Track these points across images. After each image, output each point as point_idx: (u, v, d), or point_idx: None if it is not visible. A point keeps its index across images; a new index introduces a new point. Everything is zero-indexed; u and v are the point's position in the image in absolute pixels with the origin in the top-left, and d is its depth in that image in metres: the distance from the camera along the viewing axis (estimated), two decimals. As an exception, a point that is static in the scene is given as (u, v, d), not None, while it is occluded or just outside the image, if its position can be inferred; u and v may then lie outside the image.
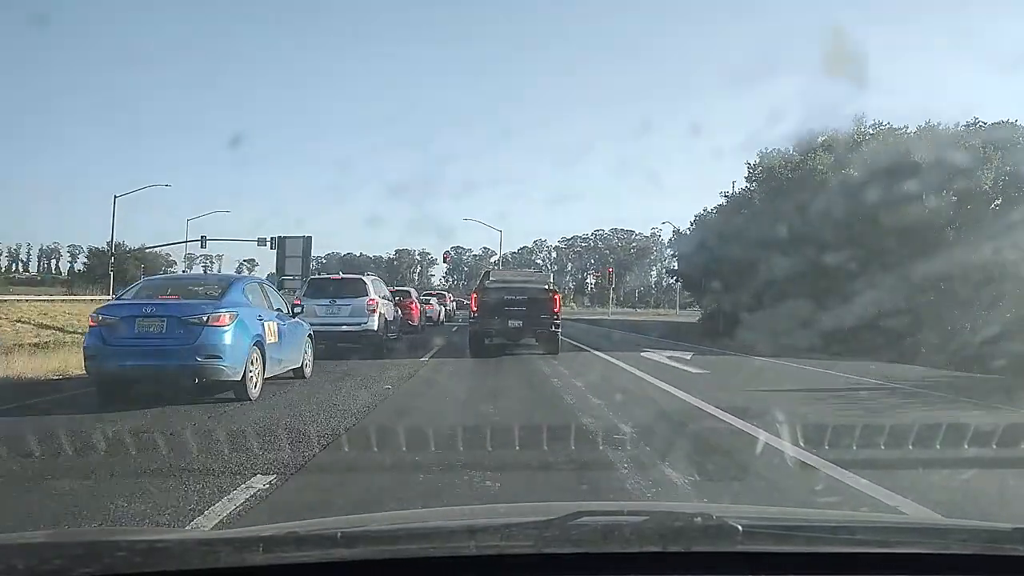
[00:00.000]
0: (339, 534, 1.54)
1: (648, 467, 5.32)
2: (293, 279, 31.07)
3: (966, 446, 5.97)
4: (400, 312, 19.10)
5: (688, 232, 37.85)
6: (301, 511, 4.14)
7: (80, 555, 1.43)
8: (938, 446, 5.97)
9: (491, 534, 1.58)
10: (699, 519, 1.58)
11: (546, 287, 16.79)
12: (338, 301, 15.61)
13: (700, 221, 36.13)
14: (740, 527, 1.48)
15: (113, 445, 5.84)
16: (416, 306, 24.85)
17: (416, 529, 1.78)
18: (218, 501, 4.42)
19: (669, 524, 1.61)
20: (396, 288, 26.11)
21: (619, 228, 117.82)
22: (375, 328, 15.58)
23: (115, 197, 41.25)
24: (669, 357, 15.95)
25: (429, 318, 28.82)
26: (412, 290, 27.77)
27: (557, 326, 15.89)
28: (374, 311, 15.68)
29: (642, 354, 16.87)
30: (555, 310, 15.86)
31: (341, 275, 18.26)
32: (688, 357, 16.08)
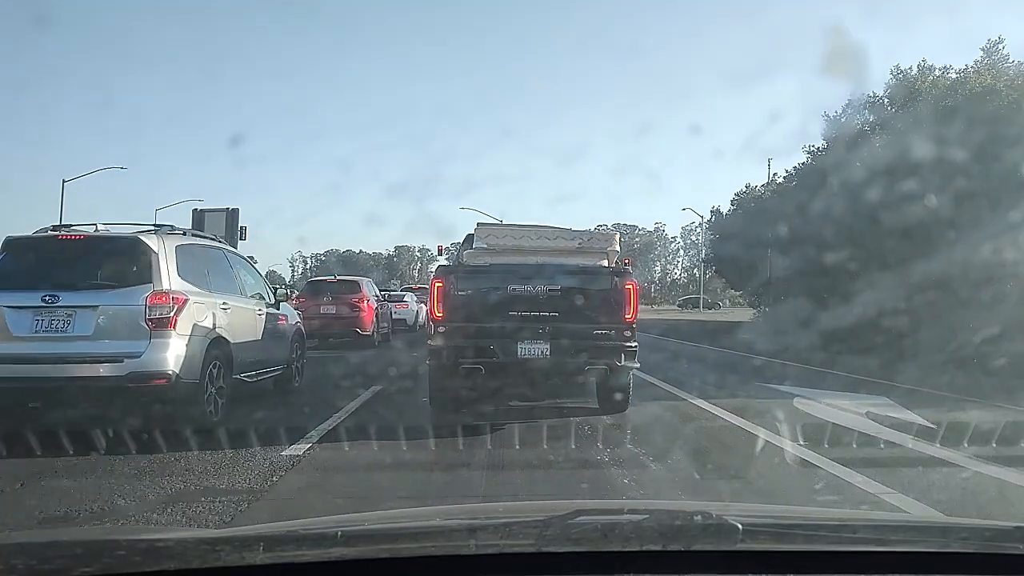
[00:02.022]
0: (339, 533, 1.54)
1: None
2: None
3: None
4: (299, 324, 9.77)
5: (728, 213, 33.49)
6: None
7: (80, 554, 1.43)
8: None
9: (491, 532, 1.58)
10: (699, 517, 1.58)
11: (604, 263, 8.00)
12: (65, 299, 6.22)
13: (746, 200, 32.43)
14: (740, 525, 1.48)
15: None
16: (370, 305, 16.86)
17: (416, 528, 1.78)
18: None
19: (669, 523, 1.61)
20: (342, 277, 19.26)
21: (621, 223, 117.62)
22: (170, 368, 6.18)
23: (63, 181, 33.31)
24: (875, 416, 7.67)
25: (401, 321, 21.31)
26: (364, 281, 18.67)
27: (631, 354, 7.38)
28: (166, 323, 6.24)
29: (797, 404, 8.51)
30: (627, 316, 7.43)
31: (87, 233, 6.93)
32: (937, 429, 6.67)
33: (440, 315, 7.42)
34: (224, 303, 7.19)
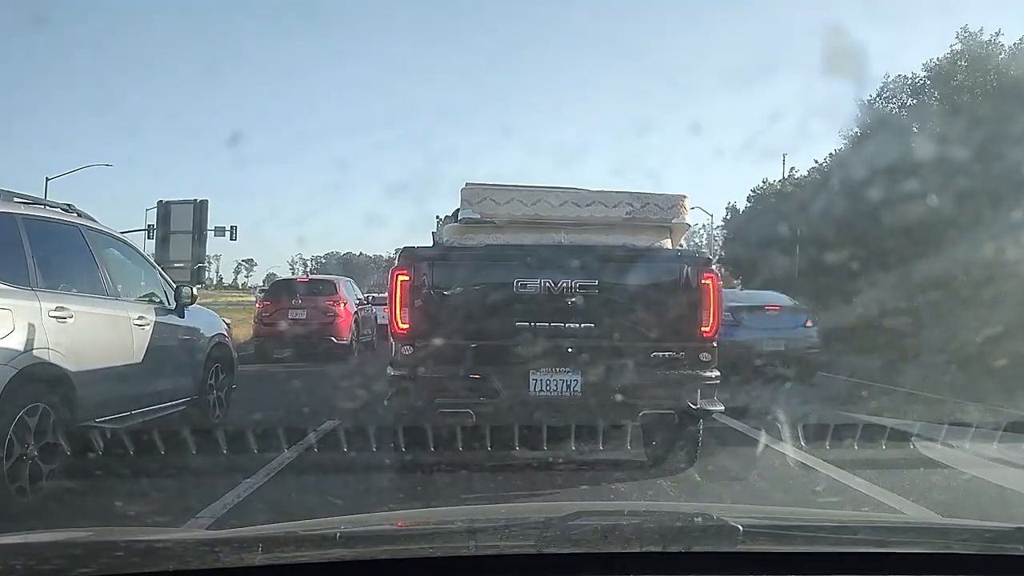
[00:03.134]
0: (338, 534, 1.54)
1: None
2: (183, 267, 18.04)
3: None
4: (224, 337, 7.06)
5: (745, 210, 32.85)
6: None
7: (78, 555, 1.43)
8: None
9: (491, 534, 1.58)
10: (700, 519, 1.58)
11: (666, 244, 5.62)
12: None
13: (765, 194, 31.52)
14: (741, 527, 1.48)
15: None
16: (347, 310, 14.31)
17: (416, 529, 1.78)
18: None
19: (669, 524, 1.62)
20: (315, 277, 16.76)
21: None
22: None
23: (47, 179, 29.62)
24: None
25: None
26: (342, 280, 15.99)
27: (711, 388, 5.07)
28: None
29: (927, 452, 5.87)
30: (704, 329, 5.07)
31: None
32: None
33: (405, 327, 4.95)
34: (59, 307, 4.66)
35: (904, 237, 15.37)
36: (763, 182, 33.73)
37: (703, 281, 5.08)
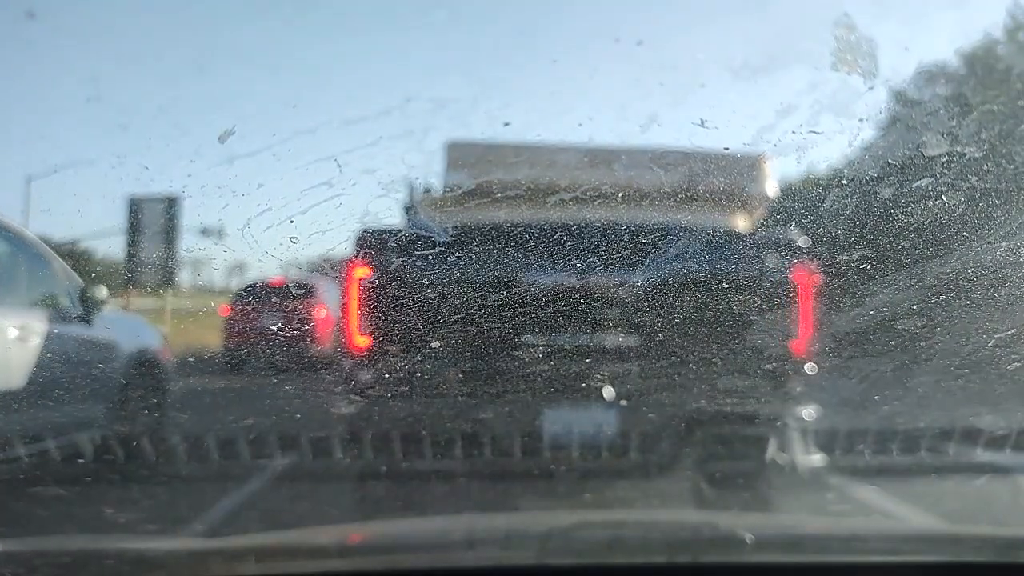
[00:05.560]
0: (333, 544, 1.51)
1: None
2: (154, 269, 10.66)
3: None
4: (152, 348, 5.41)
5: None
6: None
7: (68, 563, 1.41)
8: None
9: (491, 545, 1.54)
10: (707, 529, 1.55)
11: (740, 223, 4.30)
12: None
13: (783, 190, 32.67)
14: (749, 537, 1.44)
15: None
16: (330, 317, 11.38)
17: (412, 539, 1.74)
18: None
19: (676, 534, 1.58)
20: (291, 279, 15.95)
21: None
22: None
23: (29, 181, 30.06)
24: None
25: None
26: (323, 282, 11.84)
27: (801, 432, 3.82)
28: None
29: None
30: (794, 346, 3.77)
31: None
32: None
33: (365, 344, 3.75)
34: None
35: (931, 233, 15.12)
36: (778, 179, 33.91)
37: (793, 275, 3.76)
